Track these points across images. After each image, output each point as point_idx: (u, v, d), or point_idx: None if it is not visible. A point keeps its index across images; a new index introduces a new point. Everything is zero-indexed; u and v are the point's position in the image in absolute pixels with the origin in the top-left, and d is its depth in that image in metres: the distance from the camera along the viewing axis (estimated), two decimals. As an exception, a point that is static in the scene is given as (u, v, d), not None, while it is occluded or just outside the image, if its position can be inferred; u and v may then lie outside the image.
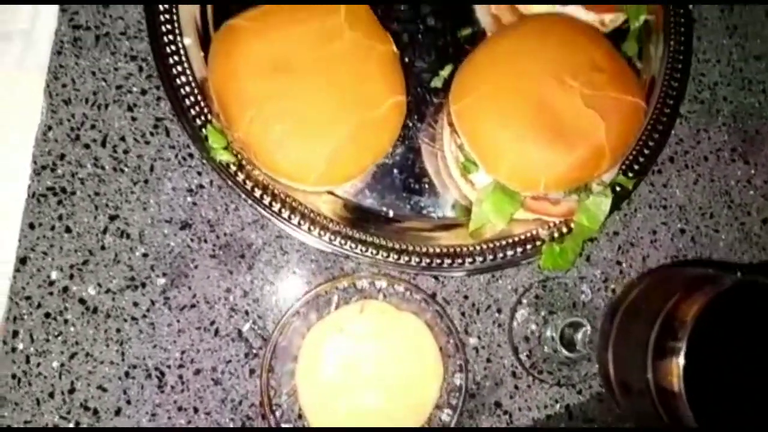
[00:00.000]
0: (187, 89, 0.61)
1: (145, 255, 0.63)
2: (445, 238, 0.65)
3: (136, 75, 0.65)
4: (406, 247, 0.63)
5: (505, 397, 0.66)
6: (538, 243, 0.64)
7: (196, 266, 0.63)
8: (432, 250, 0.63)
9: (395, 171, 0.67)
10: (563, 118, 0.57)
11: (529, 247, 0.64)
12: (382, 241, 0.63)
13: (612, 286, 0.70)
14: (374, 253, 0.62)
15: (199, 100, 0.61)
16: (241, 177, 0.61)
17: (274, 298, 0.64)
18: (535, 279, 0.68)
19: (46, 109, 0.63)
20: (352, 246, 0.62)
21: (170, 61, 0.61)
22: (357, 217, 0.64)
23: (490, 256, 0.64)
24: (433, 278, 0.66)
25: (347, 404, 0.60)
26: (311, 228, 0.61)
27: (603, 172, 0.59)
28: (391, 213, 0.66)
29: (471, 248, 0.64)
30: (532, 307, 0.67)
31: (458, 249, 0.64)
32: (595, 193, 0.62)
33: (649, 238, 0.72)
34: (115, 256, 0.62)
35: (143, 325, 0.62)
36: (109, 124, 0.64)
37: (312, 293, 0.61)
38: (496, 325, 0.67)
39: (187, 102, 0.61)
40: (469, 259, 0.64)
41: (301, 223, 0.61)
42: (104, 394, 0.61)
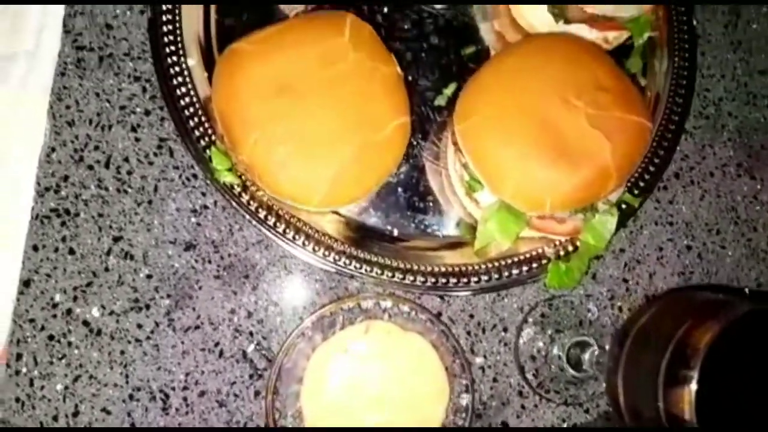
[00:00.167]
0: (191, 110, 0.61)
1: (149, 276, 0.62)
2: (451, 257, 0.65)
3: (140, 96, 0.65)
4: (411, 267, 0.63)
5: (512, 416, 0.66)
6: (543, 261, 0.64)
7: (200, 287, 0.63)
8: (437, 269, 0.63)
9: (399, 189, 0.67)
10: (567, 137, 0.56)
11: (534, 265, 0.64)
12: (387, 260, 0.62)
13: (619, 304, 0.69)
14: (379, 272, 0.62)
15: (203, 120, 0.61)
16: (245, 198, 0.61)
17: (279, 319, 0.64)
18: (541, 297, 0.68)
19: (50, 130, 0.63)
20: (357, 266, 0.61)
21: (174, 81, 0.62)
22: (361, 236, 0.64)
23: (496, 275, 0.64)
24: (438, 298, 0.66)
25: (352, 425, 0.60)
26: (316, 248, 0.61)
27: (609, 192, 0.59)
28: (396, 232, 0.66)
29: (476, 267, 0.64)
30: (538, 326, 0.67)
31: (464, 268, 0.63)
32: (600, 212, 0.62)
33: (656, 255, 0.71)
34: (119, 277, 0.62)
35: (147, 347, 0.61)
36: (113, 145, 0.64)
37: (317, 314, 0.60)
38: (502, 344, 0.67)
39: (191, 123, 0.61)
40: (475, 279, 0.63)
41: (306, 243, 0.61)
42: (108, 416, 0.60)
